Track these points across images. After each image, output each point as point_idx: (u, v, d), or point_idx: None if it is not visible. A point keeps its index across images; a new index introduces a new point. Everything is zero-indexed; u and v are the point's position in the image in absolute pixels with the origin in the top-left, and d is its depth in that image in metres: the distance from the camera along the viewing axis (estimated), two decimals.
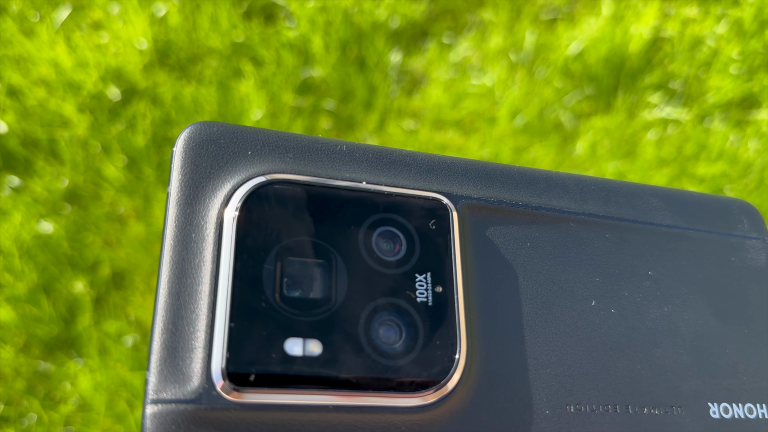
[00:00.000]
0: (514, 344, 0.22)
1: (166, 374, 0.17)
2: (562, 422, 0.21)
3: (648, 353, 0.24)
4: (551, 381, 0.22)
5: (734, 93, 1.22)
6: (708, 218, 0.29)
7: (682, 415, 0.23)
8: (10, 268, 1.12)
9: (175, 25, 1.31)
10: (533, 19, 1.33)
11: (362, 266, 0.21)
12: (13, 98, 1.26)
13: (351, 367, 0.19)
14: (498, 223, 0.24)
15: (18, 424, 1.04)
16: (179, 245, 0.19)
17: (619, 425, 0.22)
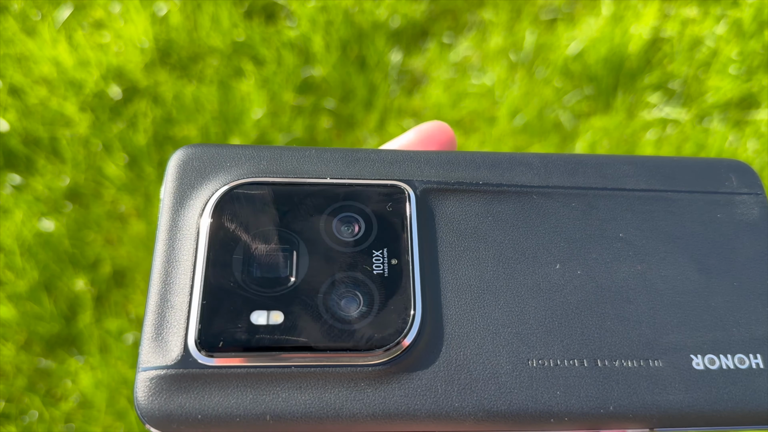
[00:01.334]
0: (473, 306, 0.24)
1: (153, 347, 0.21)
2: (522, 376, 0.22)
3: (620, 309, 0.24)
4: (511, 338, 0.23)
5: (733, 93, 1.22)
6: (689, 179, 0.28)
7: (660, 368, 0.23)
8: (11, 266, 1.12)
9: (176, 24, 1.32)
10: (533, 19, 1.33)
11: (323, 248, 0.24)
12: (14, 97, 1.26)
13: (311, 332, 0.22)
14: (459, 202, 0.26)
15: (19, 421, 1.04)
16: (166, 244, 0.24)
17: (587, 378, 0.22)
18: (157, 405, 0.20)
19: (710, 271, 0.26)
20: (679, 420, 0.22)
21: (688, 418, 0.22)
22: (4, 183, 1.19)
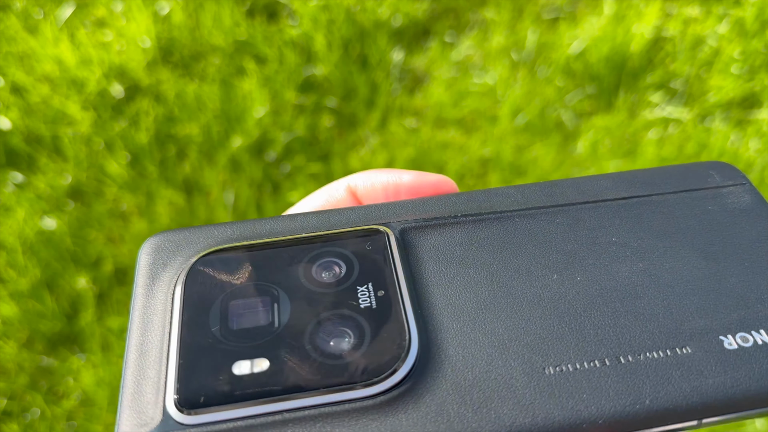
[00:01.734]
0: (473, 326, 0.22)
1: (131, 412, 0.20)
2: (541, 385, 0.20)
3: (631, 306, 0.23)
4: (521, 350, 0.22)
5: (735, 92, 1.22)
6: (671, 182, 0.28)
7: (690, 354, 0.21)
8: (13, 264, 1.12)
9: (178, 22, 1.32)
10: (535, 18, 1.33)
11: (304, 292, 0.23)
12: (16, 95, 1.26)
13: (300, 373, 0.21)
14: (440, 235, 0.26)
15: (21, 418, 1.05)
16: (141, 315, 0.23)
17: (613, 376, 0.21)
18: None
19: (716, 257, 0.25)
20: (725, 404, 0.20)
21: (736, 401, 0.20)
22: (6, 181, 1.19)
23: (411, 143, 1.20)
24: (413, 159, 1.18)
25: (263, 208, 1.17)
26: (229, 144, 1.20)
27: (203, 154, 1.21)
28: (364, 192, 0.28)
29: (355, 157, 1.20)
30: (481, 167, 1.20)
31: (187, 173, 1.20)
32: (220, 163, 1.20)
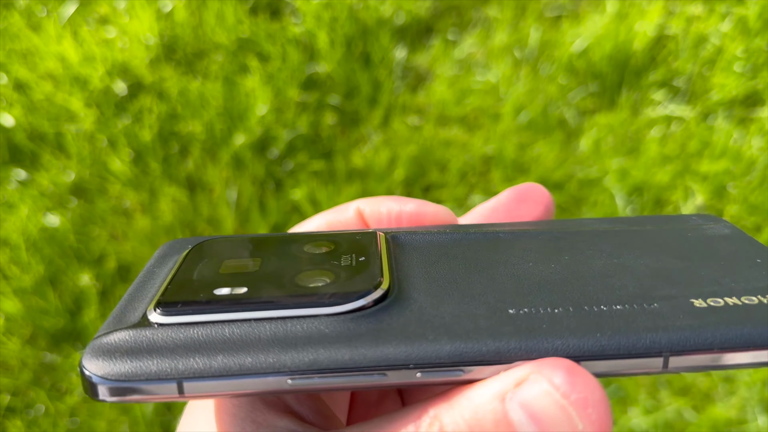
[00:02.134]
0: (443, 285, 0.23)
1: (114, 318, 0.22)
2: (503, 318, 0.21)
3: (602, 282, 0.23)
4: (487, 298, 0.22)
5: (738, 91, 1.22)
6: (654, 221, 0.29)
7: (657, 308, 0.21)
8: (16, 261, 1.13)
9: (181, 20, 1.32)
10: (538, 16, 1.33)
11: (292, 254, 0.25)
12: (20, 92, 1.26)
13: (274, 295, 0.22)
14: (428, 239, 0.27)
15: (24, 415, 1.05)
16: (147, 272, 0.25)
17: (575, 318, 0.21)
18: (102, 364, 0.19)
19: (693, 259, 0.25)
20: (692, 341, 0.20)
21: (705, 340, 0.20)
22: (10, 178, 1.19)
23: (414, 141, 1.20)
24: (416, 157, 1.18)
25: (266, 205, 1.17)
26: (232, 141, 1.21)
27: (206, 151, 1.21)
28: (371, 215, 0.29)
29: (357, 155, 1.20)
30: (483, 165, 1.20)
31: (190, 170, 1.20)
32: (223, 161, 1.20)
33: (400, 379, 0.19)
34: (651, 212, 1.15)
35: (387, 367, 0.19)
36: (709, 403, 1.03)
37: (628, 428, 1.00)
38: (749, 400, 1.02)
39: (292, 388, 0.19)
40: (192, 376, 0.19)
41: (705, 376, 1.04)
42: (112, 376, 0.19)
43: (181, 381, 0.19)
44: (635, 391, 1.03)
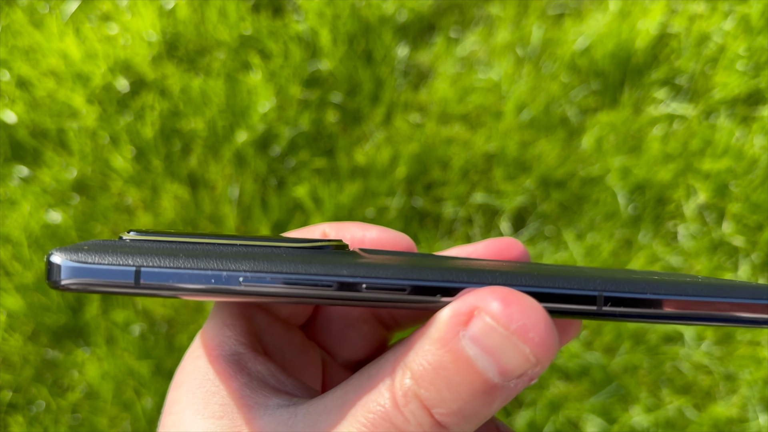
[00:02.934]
0: (398, 254, 0.26)
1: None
2: (445, 261, 0.23)
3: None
4: (433, 258, 0.25)
5: (740, 89, 1.22)
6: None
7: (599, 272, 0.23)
8: (18, 257, 1.13)
9: (183, 17, 1.32)
10: (540, 14, 1.33)
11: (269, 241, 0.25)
12: (22, 89, 1.26)
13: (239, 237, 0.24)
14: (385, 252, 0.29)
15: (26, 411, 1.05)
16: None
17: (509, 268, 0.22)
18: (68, 254, 0.19)
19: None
20: (626, 281, 0.21)
21: (637, 281, 0.21)
22: (12, 175, 1.19)
23: (415, 138, 1.20)
24: (418, 155, 1.18)
25: (268, 202, 1.17)
26: (234, 139, 1.21)
27: (208, 148, 1.21)
28: (335, 238, 0.31)
29: (359, 153, 1.20)
30: (485, 163, 1.20)
31: (192, 167, 1.20)
32: (225, 158, 1.20)
33: (347, 291, 0.20)
34: (652, 210, 1.15)
35: (336, 279, 0.20)
36: (710, 401, 1.03)
37: (629, 426, 1.00)
38: (750, 398, 1.02)
39: (243, 288, 0.19)
40: (150, 265, 0.19)
41: (706, 375, 1.04)
42: (75, 260, 0.19)
43: (139, 269, 0.19)
44: (636, 389, 1.03)
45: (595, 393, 1.02)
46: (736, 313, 0.20)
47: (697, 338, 1.06)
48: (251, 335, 0.26)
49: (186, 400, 0.23)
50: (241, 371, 0.23)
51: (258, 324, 0.27)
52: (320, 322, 0.31)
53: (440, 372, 0.18)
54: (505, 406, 0.19)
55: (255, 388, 0.23)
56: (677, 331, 1.06)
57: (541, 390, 1.03)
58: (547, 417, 1.01)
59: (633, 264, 1.09)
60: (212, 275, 0.19)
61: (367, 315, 0.30)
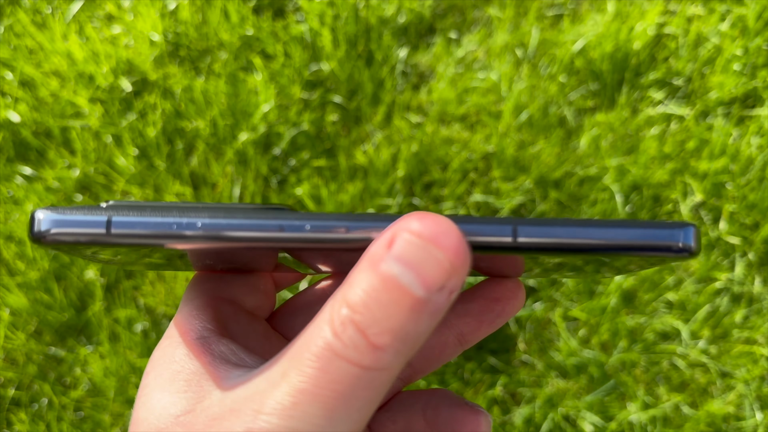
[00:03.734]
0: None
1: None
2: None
3: None
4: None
5: (737, 90, 1.23)
6: None
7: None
8: (22, 256, 1.14)
9: (185, 18, 1.33)
10: (539, 15, 1.34)
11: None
12: (26, 89, 1.28)
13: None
14: None
15: (29, 408, 1.06)
16: None
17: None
18: (50, 211, 0.21)
19: None
20: (540, 221, 0.22)
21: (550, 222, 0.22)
22: (16, 174, 1.21)
23: (415, 139, 1.21)
24: (417, 154, 1.19)
25: (269, 201, 1.18)
26: (235, 138, 1.22)
27: (210, 148, 1.22)
28: None
29: (359, 152, 1.21)
30: (484, 162, 1.21)
31: (194, 167, 1.21)
32: (227, 157, 1.21)
33: (294, 232, 0.22)
34: (650, 210, 1.16)
35: (283, 223, 0.22)
36: (706, 398, 1.04)
37: (626, 423, 1.01)
38: (747, 396, 1.03)
39: (202, 233, 0.22)
40: (120, 215, 0.22)
41: (702, 372, 1.05)
42: (55, 213, 0.21)
43: (110, 218, 0.21)
44: (633, 386, 1.04)
45: (592, 390, 1.03)
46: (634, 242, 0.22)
47: (693, 336, 1.07)
48: (217, 322, 0.27)
49: (154, 382, 0.25)
50: (206, 352, 0.25)
51: (224, 313, 0.28)
52: (284, 315, 0.32)
53: (371, 295, 0.20)
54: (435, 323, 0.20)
55: (217, 365, 0.24)
56: (674, 329, 1.07)
57: (539, 387, 1.04)
58: (545, 414, 1.02)
59: None
60: (174, 222, 0.22)
61: None
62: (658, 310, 1.09)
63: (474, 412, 0.27)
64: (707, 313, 1.08)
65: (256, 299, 0.31)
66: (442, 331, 0.29)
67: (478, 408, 0.27)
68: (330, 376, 0.20)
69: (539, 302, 1.09)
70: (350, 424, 0.21)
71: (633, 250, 0.22)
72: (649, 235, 0.22)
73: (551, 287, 1.10)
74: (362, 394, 0.20)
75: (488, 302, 0.28)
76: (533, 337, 1.08)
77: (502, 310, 0.28)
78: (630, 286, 1.10)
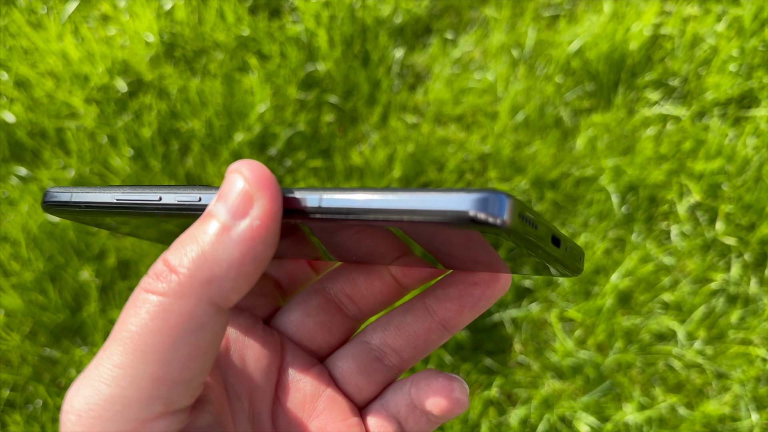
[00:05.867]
0: None
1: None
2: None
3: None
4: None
5: (733, 91, 1.23)
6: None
7: None
8: (17, 257, 1.13)
9: (181, 18, 1.33)
10: (535, 16, 1.34)
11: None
12: (21, 89, 1.27)
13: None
14: None
15: (24, 409, 1.06)
16: None
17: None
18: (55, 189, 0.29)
19: None
20: (340, 191, 0.22)
21: (349, 191, 0.22)
22: (11, 175, 1.20)
23: (411, 139, 1.21)
24: (413, 155, 1.19)
25: None
26: (231, 139, 1.21)
27: (206, 148, 1.22)
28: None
29: (356, 153, 1.21)
30: (480, 163, 1.21)
31: (189, 168, 1.21)
32: (222, 158, 1.21)
33: (184, 199, 0.24)
34: (645, 210, 1.16)
35: (155, 195, 0.25)
36: (702, 399, 1.04)
37: (622, 424, 1.01)
38: (742, 396, 1.03)
39: (117, 202, 0.26)
40: (79, 192, 0.27)
41: (698, 373, 1.05)
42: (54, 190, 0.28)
43: (72, 194, 0.27)
44: (629, 387, 1.04)
45: (588, 391, 1.03)
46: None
47: (689, 337, 1.07)
48: None
49: None
50: None
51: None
52: (282, 313, 0.33)
53: (187, 231, 0.22)
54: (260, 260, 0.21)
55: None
56: (670, 330, 1.07)
57: (535, 388, 1.04)
58: (541, 415, 1.02)
59: (626, 264, 1.10)
60: (99, 193, 0.27)
61: (324, 304, 0.31)
62: (654, 311, 1.08)
63: (448, 379, 0.27)
64: (703, 314, 1.08)
65: (251, 300, 0.32)
66: (423, 317, 0.29)
67: (452, 376, 0.28)
68: (138, 310, 0.21)
69: (535, 303, 1.09)
70: (179, 362, 0.21)
71: (417, 215, 0.19)
72: (438, 201, 0.19)
73: (547, 288, 1.10)
74: (174, 326, 0.20)
75: (467, 286, 0.28)
76: (529, 338, 1.08)
77: (482, 294, 0.28)
78: (626, 287, 1.09)
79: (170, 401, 0.21)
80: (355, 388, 0.30)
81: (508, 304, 1.10)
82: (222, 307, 0.21)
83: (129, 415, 0.21)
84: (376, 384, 0.30)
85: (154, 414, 0.21)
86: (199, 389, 0.23)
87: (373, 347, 0.30)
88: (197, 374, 0.22)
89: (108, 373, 0.21)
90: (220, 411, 0.26)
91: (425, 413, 0.28)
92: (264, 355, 0.29)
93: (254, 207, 0.21)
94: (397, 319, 0.29)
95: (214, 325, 0.21)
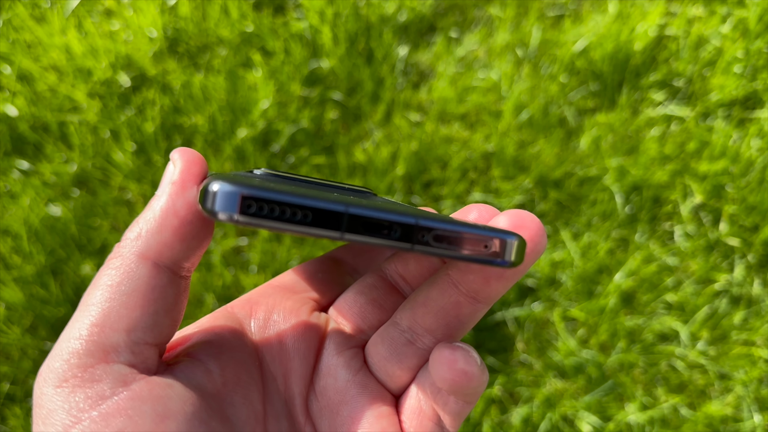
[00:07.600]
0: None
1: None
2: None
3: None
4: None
5: (737, 92, 1.23)
6: None
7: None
8: (18, 250, 1.13)
9: (185, 14, 1.32)
10: (540, 15, 1.34)
11: None
12: (24, 83, 1.27)
13: None
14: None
15: (24, 403, 1.05)
16: None
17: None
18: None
19: None
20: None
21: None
22: (13, 168, 1.20)
23: (415, 137, 1.21)
24: (417, 153, 1.19)
25: None
26: (234, 135, 1.21)
27: (209, 144, 1.22)
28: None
29: (359, 150, 1.21)
30: (484, 162, 1.21)
31: None
32: (226, 154, 1.20)
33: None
34: (649, 210, 1.16)
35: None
36: (705, 400, 1.03)
37: (624, 423, 1.01)
38: (745, 397, 1.02)
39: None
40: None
41: (701, 374, 1.04)
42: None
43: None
44: (632, 387, 1.03)
45: (590, 390, 1.03)
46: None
47: (692, 338, 1.06)
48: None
49: None
50: None
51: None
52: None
53: (144, 211, 0.25)
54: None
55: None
56: (673, 330, 1.07)
57: (538, 387, 1.04)
58: (543, 414, 1.01)
59: (629, 264, 1.10)
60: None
61: (378, 282, 0.31)
62: (657, 311, 1.08)
63: (451, 349, 0.27)
64: (706, 315, 1.07)
65: (315, 284, 0.33)
66: (449, 290, 0.28)
67: (456, 345, 0.27)
68: (103, 271, 0.24)
69: (538, 302, 1.09)
70: (115, 311, 0.23)
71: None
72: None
73: (550, 287, 1.10)
74: (111, 281, 0.24)
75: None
76: (532, 336, 1.07)
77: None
78: (629, 287, 1.09)
79: (109, 348, 0.23)
80: (386, 376, 0.29)
81: (510, 303, 1.09)
82: (156, 262, 0.24)
83: (74, 360, 0.23)
84: (409, 370, 0.29)
85: (96, 359, 0.23)
86: (149, 344, 0.24)
87: (404, 329, 0.29)
88: (137, 325, 0.24)
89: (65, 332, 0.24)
90: (228, 383, 0.26)
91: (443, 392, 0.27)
92: (304, 338, 0.29)
93: (174, 169, 0.25)
94: (422, 295, 0.28)
95: (149, 279, 0.24)
